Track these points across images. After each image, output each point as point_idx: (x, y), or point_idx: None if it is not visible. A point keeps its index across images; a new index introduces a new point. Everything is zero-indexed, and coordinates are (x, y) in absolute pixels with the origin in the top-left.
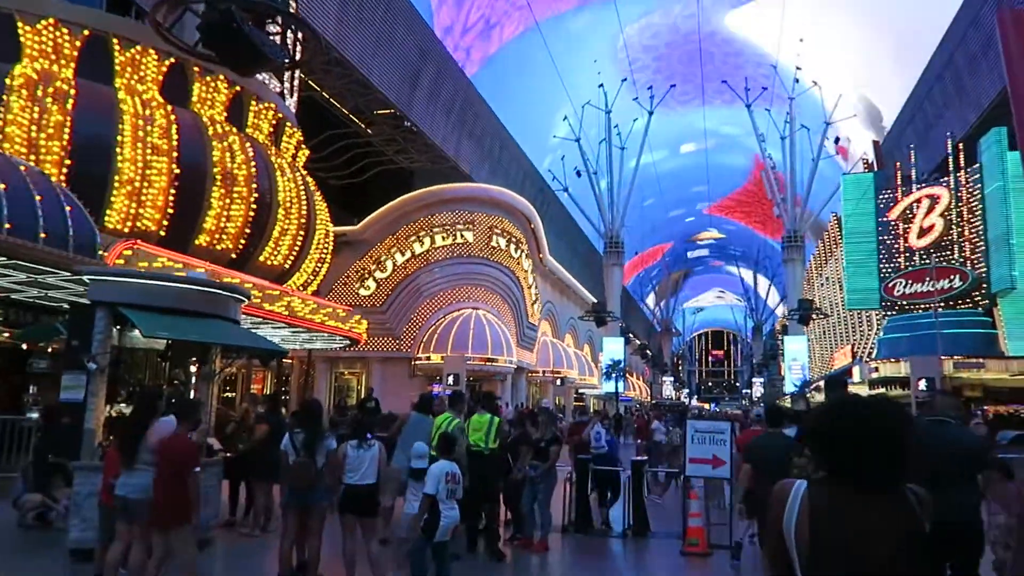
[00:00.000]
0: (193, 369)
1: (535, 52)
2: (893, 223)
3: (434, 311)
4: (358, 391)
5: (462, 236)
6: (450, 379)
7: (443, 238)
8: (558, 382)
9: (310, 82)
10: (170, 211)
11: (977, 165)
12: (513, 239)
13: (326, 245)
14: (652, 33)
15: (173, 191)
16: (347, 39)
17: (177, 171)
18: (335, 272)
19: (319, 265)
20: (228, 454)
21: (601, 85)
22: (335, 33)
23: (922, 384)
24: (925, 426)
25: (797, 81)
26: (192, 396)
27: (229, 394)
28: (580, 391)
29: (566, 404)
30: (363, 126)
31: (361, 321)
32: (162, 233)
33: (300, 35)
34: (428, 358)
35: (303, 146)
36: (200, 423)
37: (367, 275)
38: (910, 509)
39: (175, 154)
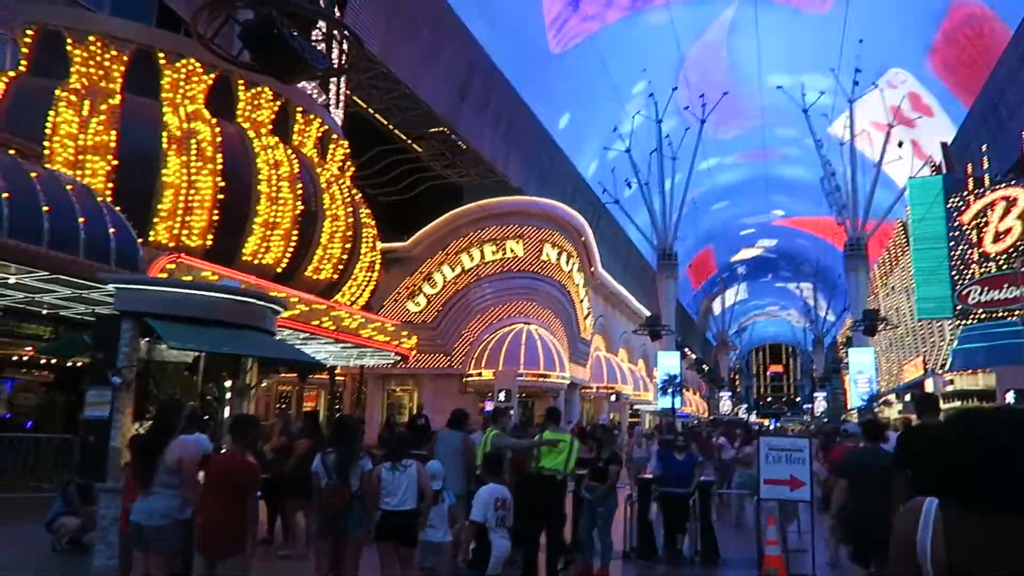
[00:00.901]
0: (229, 384)
1: (586, 60)
2: (965, 227)
3: (485, 326)
4: (410, 408)
5: (512, 250)
6: (501, 395)
7: (493, 252)
8: (613, 397)
9: (356, 99)
10: (215, 225)
11: None
12: (564, 252)
13: (373, 259)
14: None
15: (218, 205)
16: (394, 52)
17: (222, 184)
18: (385, 289)
19: (367, 279)
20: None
21: (652, 95)
22: (382, 46)
23: (1010, 396)
24: None
25: (856, 84)
26: (228, 412)
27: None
28: (635, 407)
29: (621, 420)
30: (410, 142)
31: (410, 337)
32: (208, 246)
33: (345, 44)
34: (479, 374)
35: (350, 159)
36: (256, 442)
37: (417, 291)
38: None
39: (220, 167)
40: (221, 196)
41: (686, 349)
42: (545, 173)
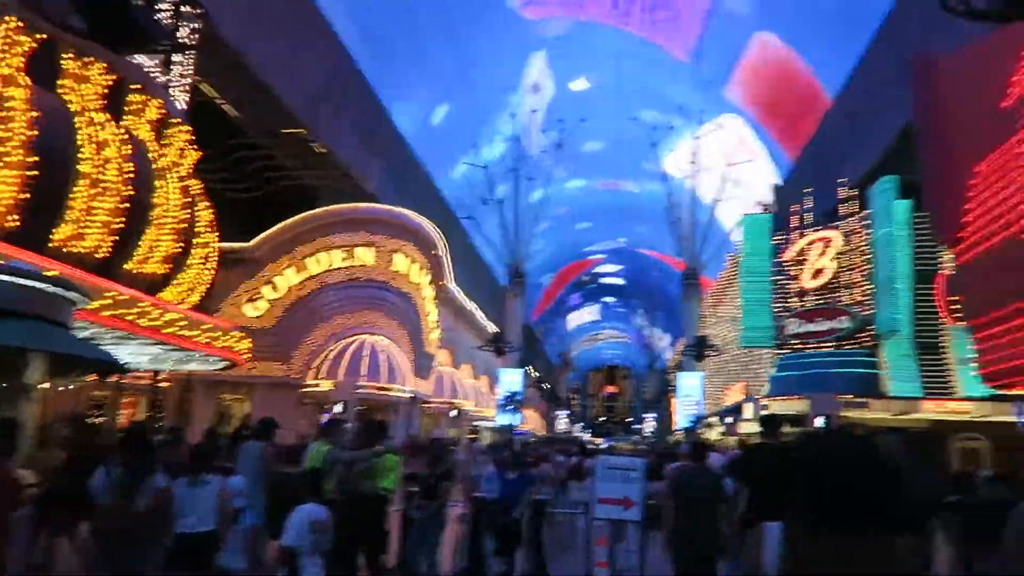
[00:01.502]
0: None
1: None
2: (788, 264)
3: (328, 335)
4: (243, 418)
5: (361, 258)
6: (337, 407)
7: (342, 259)
8: (453, 413)
9: (207, 86)
10: (22, 204)
11: (868, 212)
12: (415, 264)
13: (209, 256)
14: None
15: (27, 182)
16: (252, 42)
17: (34, 159)
18: (223, 291)
19: (199, 278)
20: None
21: (513, 114)
22: (239, 33)
23: (819, 421)
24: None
25: (701, 123)
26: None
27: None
28: (475, 423)
29: (461, 436)
30: (264, 139)
31: (242, 340)
32: (11, 227)
33: (194, 23)
34: (318, 385)
35: (192, 148)
36: (14, 451)
37: (257, 295)
38: (895, 555)
39: (31, 140)
40: (32, 173)
41: (529, 367)
42: (403, 183)
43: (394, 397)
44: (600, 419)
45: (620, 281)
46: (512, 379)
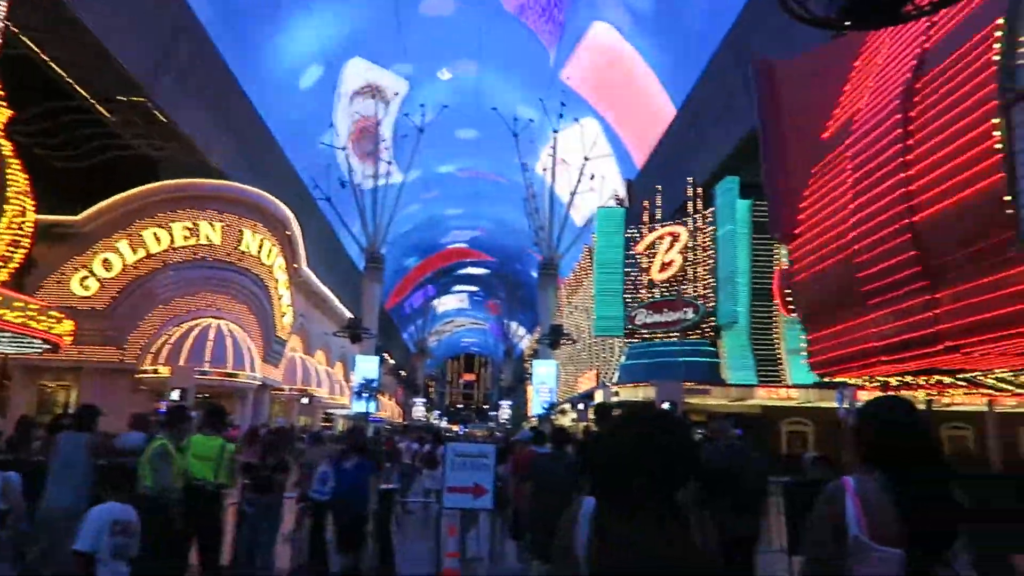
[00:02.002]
0: None
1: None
2: (639, 256)
3: (168, 318)
4: (67, 407)
5: (207, 237)
6: (175, 394)
7: (185, 238)
8: (304, 400)
9: (25, 40)
10: None
11: (712, 209)
12: (266, 245)
13: (23, 227)
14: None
15: None
16: None
17: None
18: (47, 268)
19: (10, 251)
20: None
21: (374, 96)
22: None
23: (665, 407)
24: (739, 451)
25: (561, 116)
26: None
27: None
28: (329, 411)
29: (314, 424)
30: (96, 103)
31: (62, 321)
32: None
33: None
34: (156, 371)
35: (2, 105)
36: None
37: (88, 274)
38: (686, 528)
39: None
40: None
41: (386, 354)
42: (255, 160)
43: (241, 384)
44: (457, 406)
45: (483, 270)
46: (368, 366)
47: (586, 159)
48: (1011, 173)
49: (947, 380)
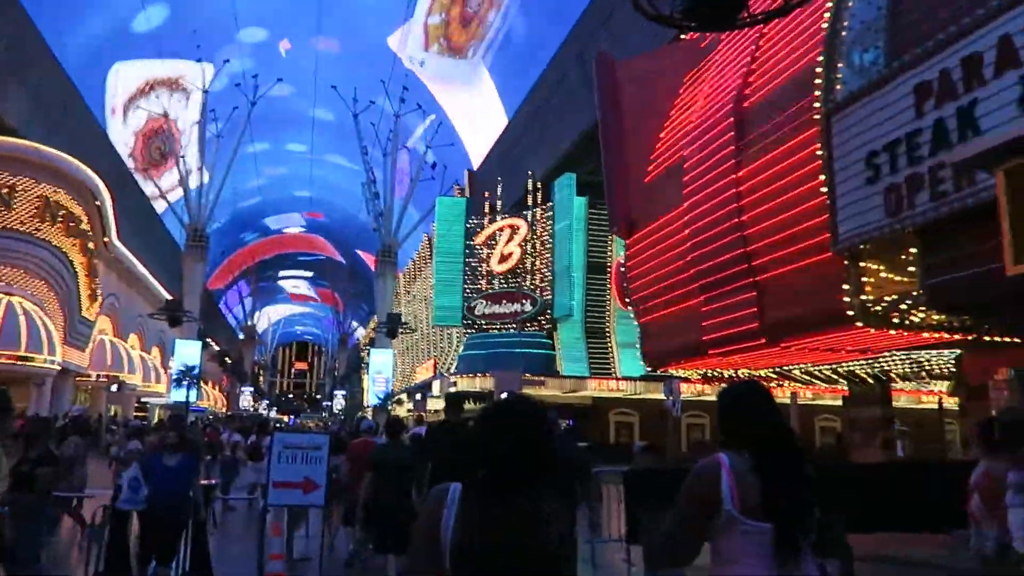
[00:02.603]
0: None
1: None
2: (479, 247)
3: None
4: None
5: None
6: None
7: None
8: (114, 387)
9: None
10: None
11: (551, 204)
12: (71, 216)
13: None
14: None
15: None
16: None
17: None
18: None
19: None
20: None
21: (200, 60)
22: None
23: (503, 397)
24: (563, 440)
25: (403, 101)
26: None
27: None
28: (143, 399)
29: (125, 414)
30: None
31: None
32: None
33: None
34: None
35: None
36: None
37: None
38: (546, 513)
39: None
40: None
41: (209, 339)
42: (58, 121)
43: (38, 369)
44: (289, 396)
45: (321, 255)
46: (189, 351)
47: (428, 147)
48: (830, 179)
49: (763, 373)
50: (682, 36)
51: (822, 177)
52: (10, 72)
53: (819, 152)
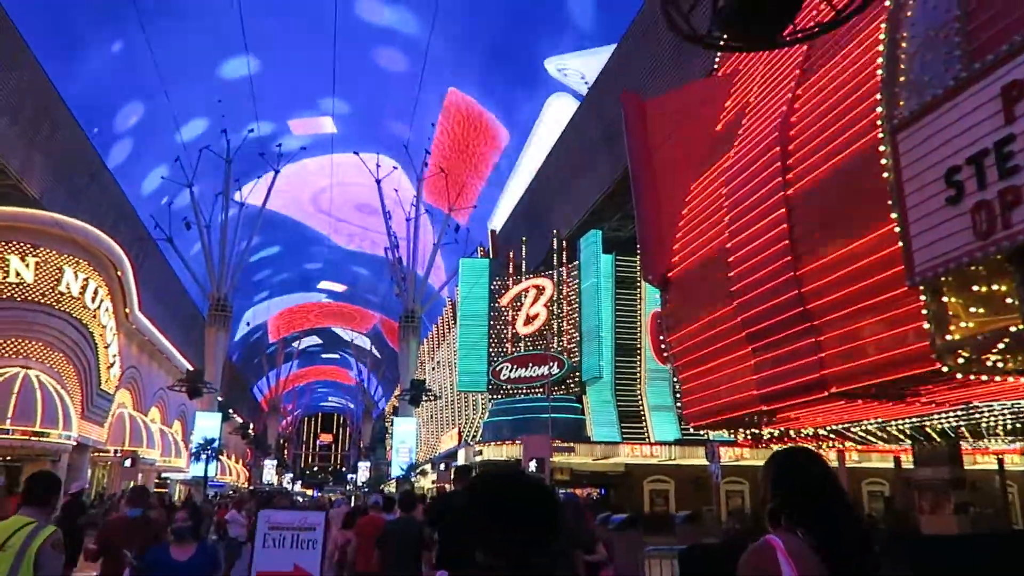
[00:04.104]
0: None
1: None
2: (504, 309)
3: None
4: None
5: (18, 273)
6: None
7: None
8: (127, 463)
9: None
10: None
11: (576, 263)
12: (91, 286)
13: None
14: None
15: None
16: None
17: None
18: None
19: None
20: None
21: (224, 131)
22: None
23: (533, 465)
24: None
25: (426, 165)
26: None
27: None
28: (164, 475)
29: (127, 490)
30: None
31: None
32: None
33: None
34: None
35: None
36: None
37: None
38: None
39: None
40: None
41: (232, 411)
42: (80, 190)
43: (53, 444)
44: (314, 469)
45: (345, 326)
46: (208, 423)
47: (451, 209)
48: (901, 204)
49: (821, 432)
50: (714, 69)
51: (889, 202)
52: (34, 142)
53: (885, 175)
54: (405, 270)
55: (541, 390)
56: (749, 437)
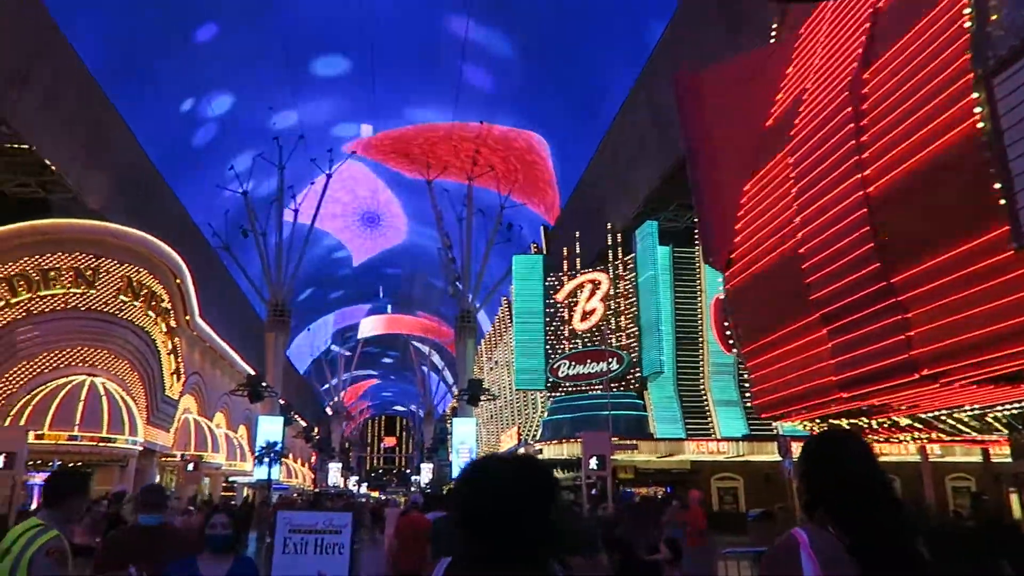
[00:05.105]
0: None
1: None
2: (559, 305)
3: (32, 376)
4: None
5: (81, 285)
6: (0, 460)
7: (56, 285)
8: (190, 467)
9: None
10: None
11: (633, 255)
12: (153, 295)
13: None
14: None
15: None
16: None
17: None
18: None
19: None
20: None
21: (276, 138)
22: None
23: (593, 462)
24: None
25: (475, 164)
26: None
27: None
28: (231, 478)
29: (212, 493)
30: None
31: None
32: None
33: None
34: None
35: None
36: None
37: None
38: None
39: None
40: None
41: (296, 416)
42: (140, 203)
43: (120, 450)
44: (379, 471)
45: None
46: (271, 427)
47: (503, 207)
48: (1001, 155)
49: (904, 422)
50: (771, 38)
51: (987, 154)
52: (92, 156)
53: (980, 124)
54: (458, 270)
55: (600, 387)
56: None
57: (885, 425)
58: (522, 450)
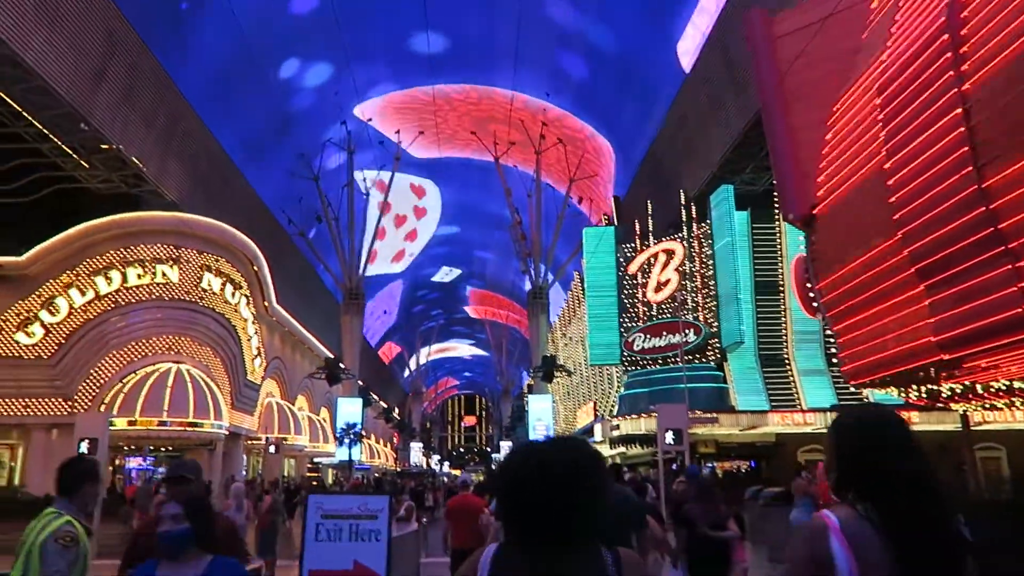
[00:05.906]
0: None
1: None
2: (632, 277)
3: (123, 365)
4: (12, 469)
5: (164, 275)
6: (84, 447)
7: (139, 276)
8: (272, 449)
9: None
10: None
11: (708, 222)
12: (231, 282)
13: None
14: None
15: None
16: None
17: None
18: None
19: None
20: None
21: (344, 122)
22: None
23: (669, 436)
24: None
25: (543, 137)
26: None
27: None
28: (315, 460)
29: (298, 474)
30: (24, 126)
31: None
32: None
33: None
34: (112, 424)
35: None
36: None
37: (32, 319)
38: (600, 568)
39: None
40: None
41: (372, 395)
42: (215, 192)
43: (207, 434)
44: (460, 450)
45: (482, 306)
46: (351, 409)
47: (571, 180)
48: None
49: (1018, 386)
50: None
51: None
52: (169, 149)
53: None
54: (529, 246)
55: (677, 359)
56: (925, 396)
57: (992, 389)
58: (598, 426)
